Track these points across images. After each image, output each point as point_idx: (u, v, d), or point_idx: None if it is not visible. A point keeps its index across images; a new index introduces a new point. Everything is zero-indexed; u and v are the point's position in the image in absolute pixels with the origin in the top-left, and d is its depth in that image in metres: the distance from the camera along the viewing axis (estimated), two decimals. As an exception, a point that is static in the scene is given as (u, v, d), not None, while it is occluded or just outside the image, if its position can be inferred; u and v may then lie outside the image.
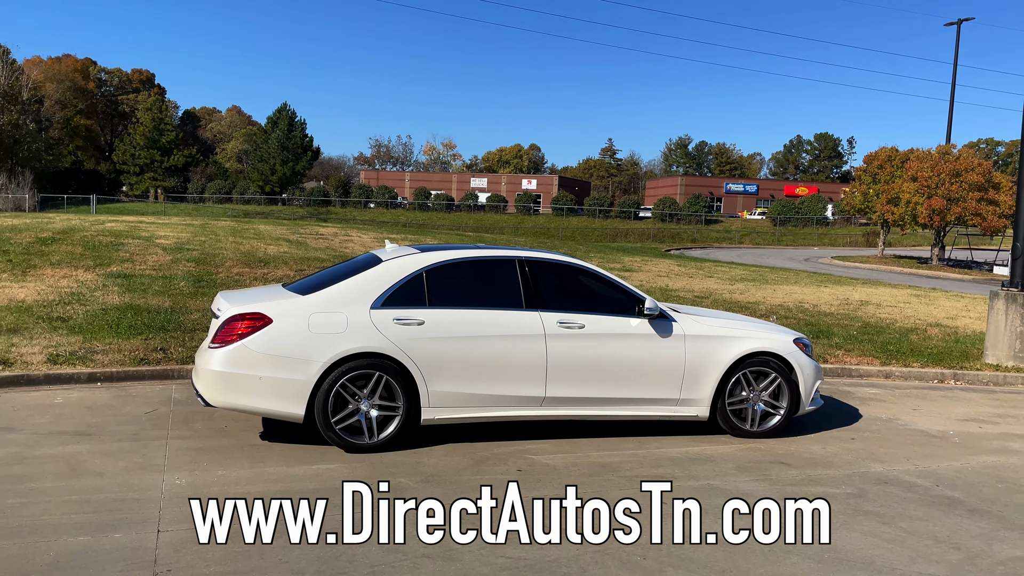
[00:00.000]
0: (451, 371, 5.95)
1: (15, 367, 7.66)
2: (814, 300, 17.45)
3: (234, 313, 5.76)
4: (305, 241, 22.41)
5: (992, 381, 10.00)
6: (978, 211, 36.64)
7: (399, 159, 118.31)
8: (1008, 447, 6.95)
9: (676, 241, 61.36)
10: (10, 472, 5.11)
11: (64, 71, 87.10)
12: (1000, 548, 4.63)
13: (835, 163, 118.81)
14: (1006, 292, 10.69)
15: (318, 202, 75.51)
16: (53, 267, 14.02)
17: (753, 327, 6.99)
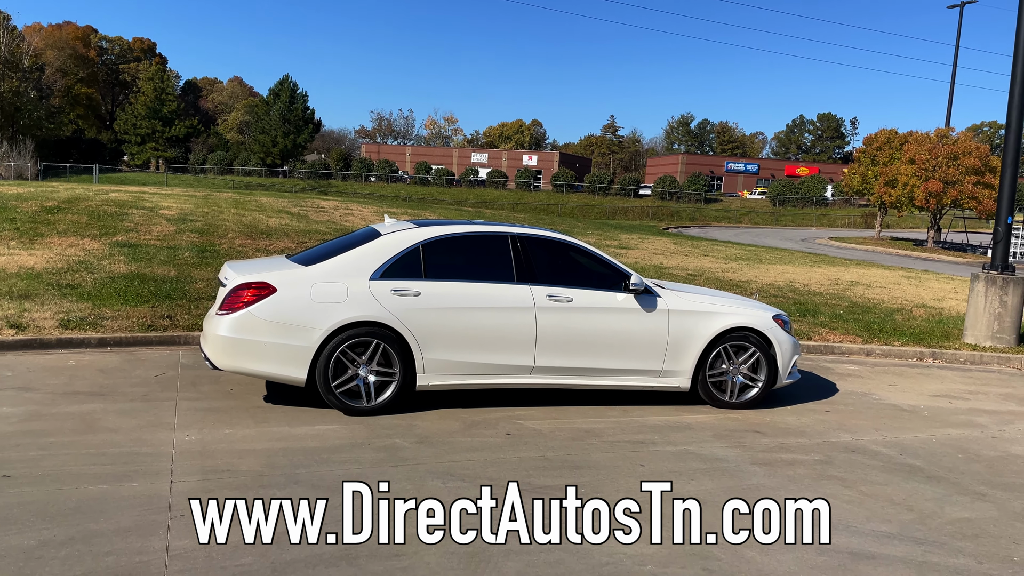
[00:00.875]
0: (445, 340, 6.29)
1: (28, 331, 7.99)
2: (805, 280, 17.78)
3: (241, 282, 6.09)
4: (306, 214, 22.67)
5: (969, 360, 10.36)
6: (974, 194, 36.84)
7: (400, 133, 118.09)
8: (974, 421, 7.31)
9: (675, 219, 61.56)
10: (30, 427, 5.46)
11: (65, 38, 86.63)
12: (951, 510, 4.99)
13: (837, 144, 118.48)
14: (986, 275, 11.01)
15: (319, 175, 75.55)
16: (60, 236, 14.32)
17: (734, 303, 7.32)
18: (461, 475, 5.02)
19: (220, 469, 4.86)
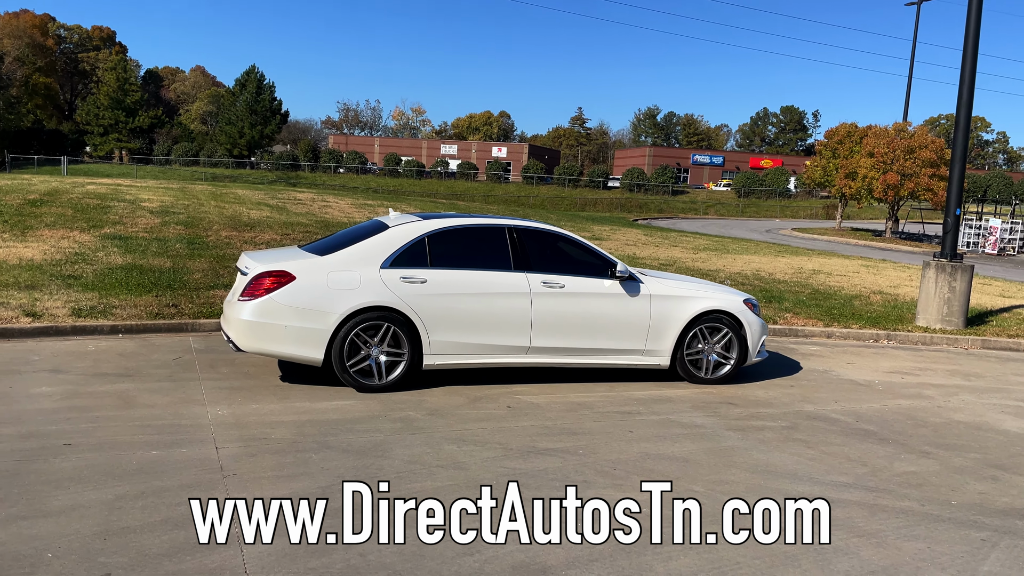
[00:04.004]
0: (449, 323, 6.89)
1: (44, 319, 8.41)
2: (770, 269, 18.66)
3: (262, 270, 6.62)
4: (285, 206, 23.01)
5: (920, 341, 11.24)
6: (930, 187, 38.30)
7: (368, 123, 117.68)
8: (922, 393, 8.13)
9: (643, 211, 62.60)
10: (74, 404, 5.95)
11: (22, 27, 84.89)
12: (899, 465, 5.74)
13: (800, 136, 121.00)
14: (936, 262, 11.90)
15: (287, 166, 75.22)
16: (49, 228, 14.59)
17: (709, 289, 8.02)
18: (473, 440, 5.64)
19: (257, 437, 5.42)
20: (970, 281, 11.82)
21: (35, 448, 4.96)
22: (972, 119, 15.45)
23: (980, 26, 11.58)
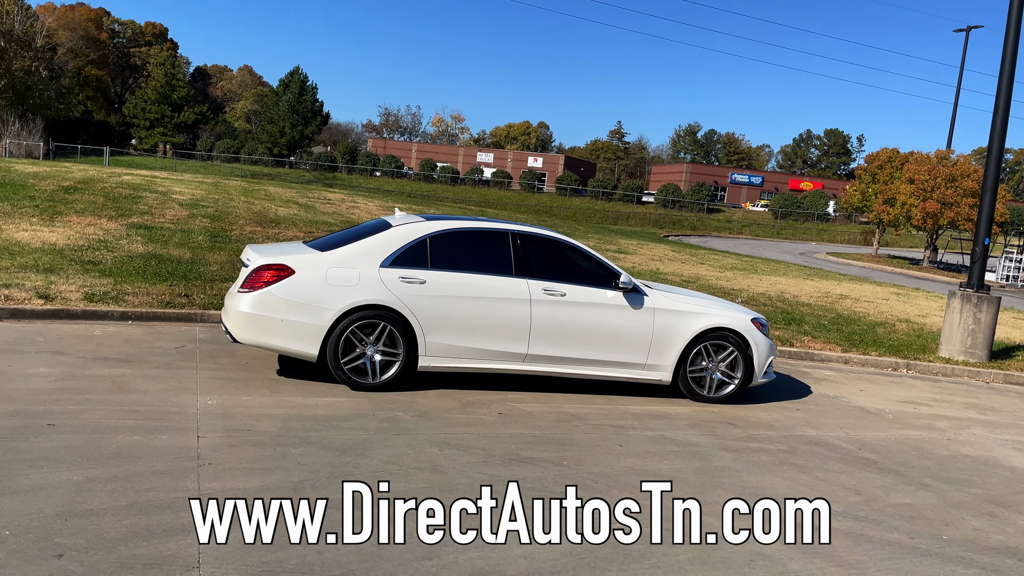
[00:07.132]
0: (446, 326, 6.84)
1: (56, 302, 8.54)
2: (796, 291, 18.33)
3: (262, 263, 6.64)
4: (314, 205, 23.23)
5: (941, 372, 10.91)
6: (970, 216, 37.31)
7: (407, 129, 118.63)
8: (933, 425, 7.87)
9: (676, 227, 62.10)
10: (67, 386, 6.00)
11: (77, 19, 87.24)
12: (894, 496, 5.54)
13: (843, 160, 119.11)
14: (962, 292, 11.57)
15: (325, 167, 76.11)
16: (78, 215, 14.88)
17: (716, 305, 7.87)
18: (456, 445, 5.57)
19: (240, 428, 5.41)
20: (996, 313, 11.46)
21: (18, 426, 5.00)
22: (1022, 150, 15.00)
23: (1017, 53, 11.27)
